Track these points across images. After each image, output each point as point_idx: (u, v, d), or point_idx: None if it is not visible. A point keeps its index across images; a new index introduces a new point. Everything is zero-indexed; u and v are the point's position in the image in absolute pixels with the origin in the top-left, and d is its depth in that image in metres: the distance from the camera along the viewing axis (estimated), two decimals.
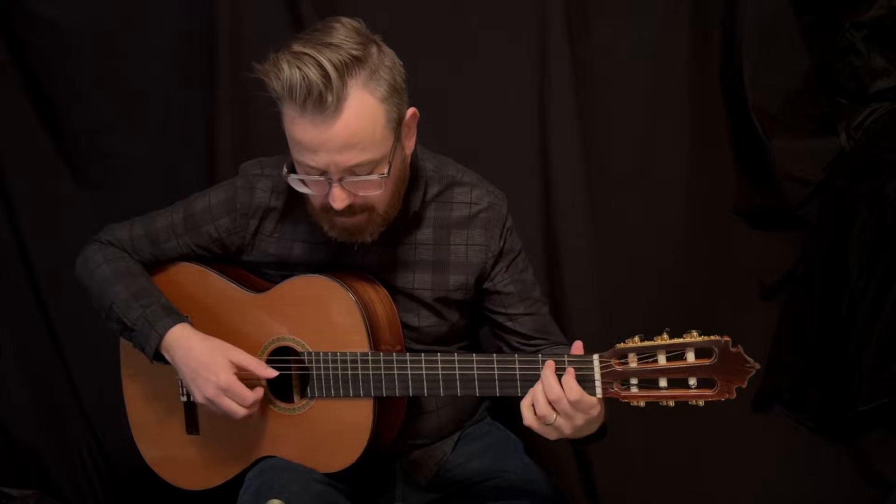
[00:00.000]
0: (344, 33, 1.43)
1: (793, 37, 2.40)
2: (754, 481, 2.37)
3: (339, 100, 1.40)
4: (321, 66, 1.38)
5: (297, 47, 1.41)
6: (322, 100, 1.39)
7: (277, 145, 1.75)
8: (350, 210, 1.49)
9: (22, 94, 2.33)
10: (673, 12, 2.31)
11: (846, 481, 2.35)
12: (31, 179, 2.36)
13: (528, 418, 1.43)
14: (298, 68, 1.38)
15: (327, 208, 1.50)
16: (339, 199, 1.46)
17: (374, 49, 1.45)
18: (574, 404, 1.41)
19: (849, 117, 2.48)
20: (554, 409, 1.42)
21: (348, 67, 1.40)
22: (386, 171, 1.47)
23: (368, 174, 1.46)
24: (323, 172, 1.45)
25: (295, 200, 1.65)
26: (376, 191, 1.49)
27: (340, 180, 1.45)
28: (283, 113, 1.45)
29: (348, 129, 1.41)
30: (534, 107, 2.28)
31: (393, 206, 1.56)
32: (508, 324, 1.70)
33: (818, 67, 2.47)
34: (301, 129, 1.42)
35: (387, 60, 1.46)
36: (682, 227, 2.40)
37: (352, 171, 1.45)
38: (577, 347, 1.47)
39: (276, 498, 1.54)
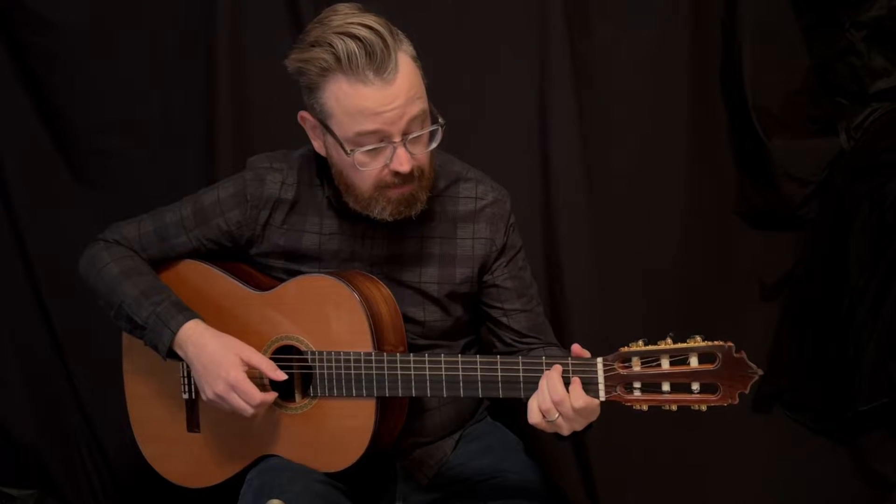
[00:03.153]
0: (357, 9, 1.49)
1: (793, 37, 2.41)
2: (754, 481, 2.37)
3: (396, 55, 1.46)
4: (371, 28, 1.44)
5: (334, 23, 1.46)
6: (383, 58, 1.44)
7: (277, 146, 1.76)
8: (407, 176, 1.52)
9: (22, 94, 2.33)
10: (673, 12, 2.31)
11: (846, 481, 2.35)
12: (31, 179, 2.36)
13: (535, 416, 1.45)
14: (351, 36, 1.44)
15: (383, 184, 1.53)
16: (405, 160, 1.50)
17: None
18: (579, 411, 1.43)
19: (849, 117, 2.49)
20: (557, 409, 1.43)
21: (388, 27, 1.47)
22: (438, 119, 1.53)
23: (422, 128, 1.51)
24: (382, 139, 1.48)
25: (304, 193, 1.66)
26: (435, 143, 1.54)
27: (403, 142, 1.49)
28: (328, 93, 1.48)
29: (407, 80, 1.47)
30: (534, 107, 2.28)
31: (432, 167, 1.60)
32: (503, 319, 1.71)
33: (818, 67, 2.47)
34: (364, 95, 1.45)
35: (397, 28, 1.52)
36: (682, 227, 2.40)
37: (411, 127, 1.49)
38: (577, 350, 1.47)
39: (277, 497, 1.54)
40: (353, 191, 1.57)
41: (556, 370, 1.44)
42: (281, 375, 1.60)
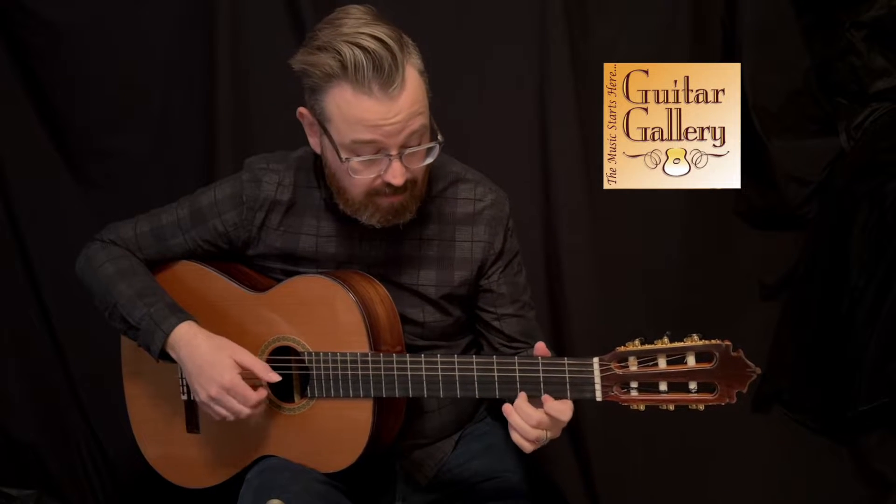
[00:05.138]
0: (370, 15, 1.46)
1: (793, 37, 2.41)
2: (754, 481, 2.37)
3: (403, 70, 1.43)
4: (381, 41, 1.41)
5: (344, 29, 1.43)
6: (390, 73, 1.41)
7: (276, 146, 1.76)
8: (399, 188, 1.51)
9: (22, 94, 2.33)
10: (673, 12, 2.31)
11: (846, 481, 2.35)
12: (31, 179, 2.36)
13: (527, 448, 1.46)
14: (360, 47, 1.41)
15: (374, 192, 1.52)
16: (399, 174, 1.48)
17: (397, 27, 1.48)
18: (555, 421, 1.44)
19: (849, 117, 2.48)
20: (541, 427, 1.44)
21: (398, 41, 1.44)
22: (437, 136, 1.51)
23: (419, 143, 1.49)
24: (378, 150, 1.47)
25: (301, 195, 1.66)
26: (431, 159, 1.52)
27: (399, 156, 1.48)
28: (330, 98, 1.46)
29: (411, 96, 1.45)
30: (534, 107, 2.28)
31: (426, 179, 1.59)
32: (495, 323, 1.71)
33: (818, 67, 2.47)
34: (366, 107, 1.43)
35: (408, 38, 1.49)
36: (682, 227, 2.40)
37: (409, 141, 1.48)
38: (541, 349, 1.47)
39: (277, 497, 1.54)
40: (344, 194, 1.56)
41: (522, 397, 1.45)
42: (274, 377, 1.59)
